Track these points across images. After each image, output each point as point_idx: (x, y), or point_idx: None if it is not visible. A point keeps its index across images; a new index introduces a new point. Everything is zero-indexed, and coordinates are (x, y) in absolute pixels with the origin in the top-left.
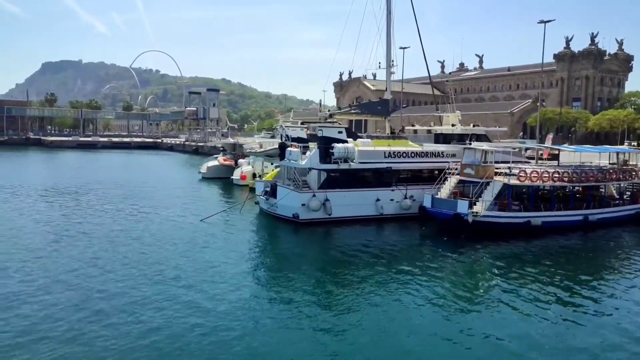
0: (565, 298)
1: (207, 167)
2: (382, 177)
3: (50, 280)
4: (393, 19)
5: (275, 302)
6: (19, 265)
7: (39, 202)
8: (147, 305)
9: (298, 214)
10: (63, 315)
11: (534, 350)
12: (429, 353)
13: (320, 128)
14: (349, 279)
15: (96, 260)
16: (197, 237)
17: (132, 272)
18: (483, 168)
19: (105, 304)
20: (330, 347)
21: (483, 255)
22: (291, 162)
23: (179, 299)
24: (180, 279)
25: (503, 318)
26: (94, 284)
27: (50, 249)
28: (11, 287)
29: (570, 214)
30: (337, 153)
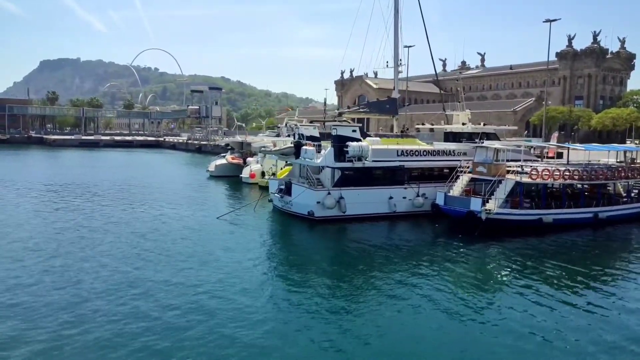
0: (580, 293)
1: (215, 166)
2: (394, 175)
3: (80, 273)
4: (401, 18)
5: (293, 295)
6: (55, 261)
7: (56, 202)
8: (171, 298)
9: (313, 211)
10: (89, 307)
11: (550, 344)
12: (444, 348)
13: (335, 127)
14: (367, 274)
15: (123, 254)
16: (215, 234)
17: (157, 266)
18: (495, 166)
19: (135, 297)
20: (343, 342)
21: (497, 252)
22: (306, 161)
23: (197, 294)
24: (200, 274)
25: (520, 313)
26: (124, 277)
27: (78, 245)
28: (46, 283)
29: (580, 212)
30: (351, 151)
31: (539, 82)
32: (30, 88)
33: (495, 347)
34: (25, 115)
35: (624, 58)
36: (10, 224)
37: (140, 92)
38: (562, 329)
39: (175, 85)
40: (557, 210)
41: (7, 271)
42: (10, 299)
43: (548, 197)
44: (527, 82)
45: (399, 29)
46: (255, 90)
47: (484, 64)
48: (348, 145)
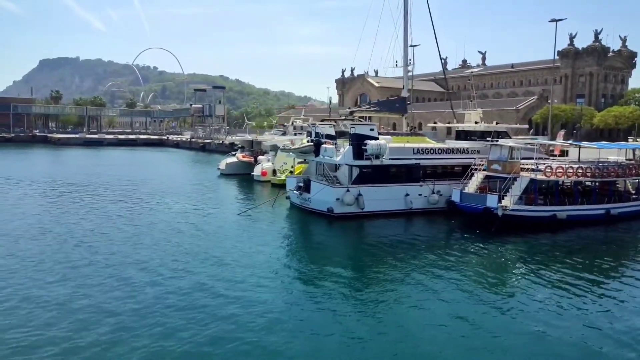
0: (597, 288)
1: (225, 164)
2: (410, 173)
3: (113, 268)
4: (410, 18)
5: (316, 289)
6: (79, 257)
7: (76, 200)
8: (196, 292)
9: (332, 208)
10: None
11: (567, 338)
12: (462, 343)
13: (353, 126)
14: (390, 269)
15: (155, 252)
16: (238, 230)
17: (186, 260)
18: (510, 164)
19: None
20: (360, 335)
21: (514, 247)
22: (325, 158)
23: (222, 288)
24: (225, 268)
25: (541, 308)
26: (155, 271)
27: (108, 243)
28: (73, 280)
29: (593, 208)
30: (370, 149)
31: (540, 80)
32: (29, 87)
33: (514, 341)
34: (30, 114)
35: (625, 56)
36: (59, 231)
37: (141, 90)
38: (579, 323)
39: (174, 84)
40: (571, 207)
41: (74, 269)
42: (75, 300)
43: (560, 194)
44: (528, 81)
45: (408, 29)
46: (254, 89)
47: (484, 62)
48: (367, 144)
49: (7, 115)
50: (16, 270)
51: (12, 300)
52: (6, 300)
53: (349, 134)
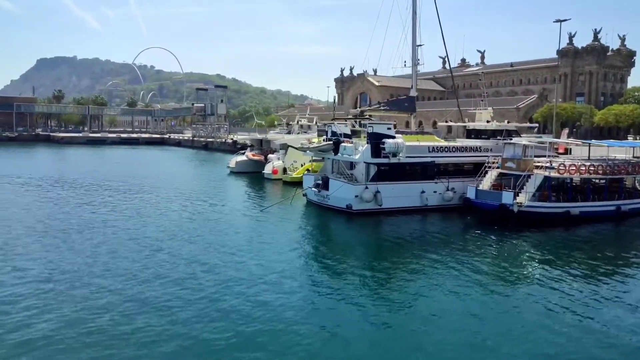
0: (612, 282)
1: (235, 162)
2: (426, 171)
3: (142, 264)
4: (419, 19)
5: (338, 283)
6: (109, 256)
7: (96, 198)
8: (222, 284)
9: (351, 204)
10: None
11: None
12: (480, 337)
13: (371, 125)
14: (410, 262)
15: (184, 246)
16: (262, 225)
17: (221, 253)
18: (524, 162)
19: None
20: (378, 328)
21: (530, 242)
22: (344, 156)
23: (257, 278)
24: (256, 260)
25: (560, 303)
26: (192, 264)
27: (136, 241)
28: (97, 277)
29: (604, 205)
30: (388, 148)
31: (539, 79)
32: (27, 86)
33: (533, 335)
34: (32, 114)
35: (624, 55)
36: (76, 226)
37: (138, 89)
38: (597, 318)
39: (171, 82)
40: (583, 203)
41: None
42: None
43: (572, 191)
44: (527, 79)
45: (417, 29)
46: (251, 88)
47: (483, 61)
48: (384, 142)
49: (10, 114)
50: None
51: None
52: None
53: (367, 133)
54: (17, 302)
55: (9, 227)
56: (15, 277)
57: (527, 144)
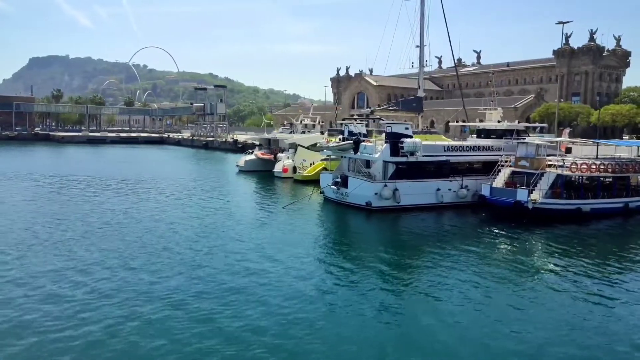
0: (625, 277)
1: (244, 161)
2: (441, 169)
3: (168, 261)
4: (428, 22)
5: (361, 275)
6: (129, 255)
7: (112, 198)
8: (245, 278)
9: (371, 201)
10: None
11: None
12: (498, 332)
13: (390, 125)
14: (430, 257)
15: (213, 243)
16: (285, 221)
17: (249, 248)
18: (537, 160)
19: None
20: (394, 323)
21: (546, 237)
22: (364, 155)
23: (281, 270)
24: (282, 253)
25: (579, 297)
26: (222, 259)
27: (162, 240)
28: (115, 280)
29: (613, 202)
30: (406, 147)
31: (535, 79)
32: (19, 85)
33: (553, 331)
34: (31, 113)
35: (619, 56)
36: (94, 224)
37: (131, 89)
38: (612, 314)
39: (164, 82)
40: (594, 200)
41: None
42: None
43: (582, 189)
44: (524, 79)
45: (425, 31)
46: (243, 87)
47: (479, 61)
48: (403, 142)
49: (9, 113)
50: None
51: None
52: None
53: (386, 133)
54: (70, 295)
55: (62, 225)
56: (62, 275)
57: (540, 143)
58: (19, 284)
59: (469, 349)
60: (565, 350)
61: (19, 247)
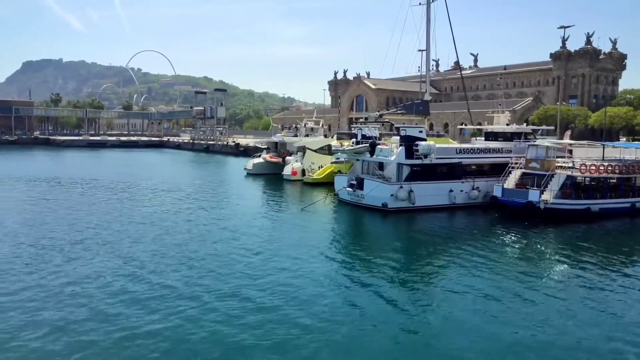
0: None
1: (253, 164)
2: (453, 171)
3: (190, 265)
4: (435, 28)
5: (382, 271)
6: (148, 257)
7: (131, 202)
8: (264, 277)
9: (387, 203)
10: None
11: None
12: (513, 330)
13: (404, 128)
14: (449, 255)
15: (240, 245)
16: (305, 221)
17: (276, 248)
18: (547, 162)
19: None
20: (410, 319)
21: (558, 236)
22: (379, 158)
23: (304, 267)
24: (305, 252)
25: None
26: (247, 260)
27: (184, 244)
28: (140, 283)
29: (620, 202)
30: (421, 150)
31: (533, 82)
32: (13, 89)
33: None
34: (31, 117)
35: (616, 58)
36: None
37: (127, 92)
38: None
39: (159, 85)
40: (602, 201)
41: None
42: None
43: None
44: (521, 82)
45: (430, 38)
46: (238, 90)
47: (476, 64)
48: (418, 144)
49: (9, 117)
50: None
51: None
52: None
53: (400, 136)
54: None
55: (112, 227)
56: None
57: (550, 145)
58: (81, 285)
59: (487, 349)
60: (582, 348)
61: (82, 252)
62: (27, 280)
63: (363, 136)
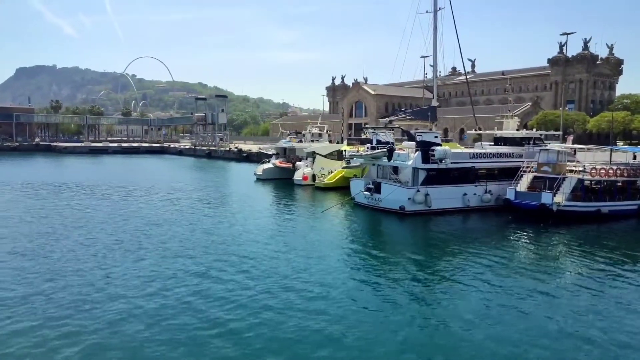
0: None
1: (262, 169)
2: (467, 175)
3: (212, 269)
4: (442, 36)
5: (401, 270)
6: (164, 258)
7: (154, 206)
8: (288, 277)
9: (404, 206)
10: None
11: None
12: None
13: (420, 134)
14: (468, 255)
15: (257, 246)
16: (327, 224)
17: (301, 249)
18: (559, 165)
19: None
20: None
21: (571, 236)
22: (397, 162)
23: (329, 265)
24: (329, 252)
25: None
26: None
27: (218, 250)
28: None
29: (628, 204)
30: (437, 154)
31: (531, 87)
32: (7, 95)
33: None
34: (31, 123)
35: (612, 64)
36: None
37: (121, 98)
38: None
39: (154, 91)
40: (610, 203)
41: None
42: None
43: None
44: (519, 87)
45: (437, 46)
46: (233, 96)
47: (474, 69)
48: (434, 149)
49: (10, 124)
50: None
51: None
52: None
53: (416, 141)
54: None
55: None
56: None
57: (561, 150)
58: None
59: (503, 349)
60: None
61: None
62: (108, 286)
63: (378, 141)
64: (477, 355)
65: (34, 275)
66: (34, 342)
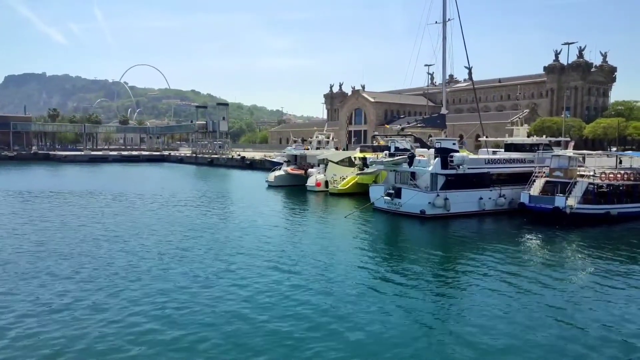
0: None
1: (274, 176)
2: (483, 180)
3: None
4: (452, 45)
5: (424, 269)
6: (173, 263)
7: (178, 214)
8: (315, 279)
9: (424, 210)
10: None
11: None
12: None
13: (439, 140)
14: (487, 257)
15: (293, 253)
16: (352, 228)
17: (329, 251)
18: (570, 170)
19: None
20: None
21: (585, 237)
22: (417, 168)
23: (352, 264)
24: (354, 254)
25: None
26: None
27: (238, 257)
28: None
29: (636, 206)
30: (456, 160)
31: (527, 94)
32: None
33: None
34: (28, 132)
35: (606, 71)
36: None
37: (114, 106)
38: None
39: (147, 99)
40: (620, 205)
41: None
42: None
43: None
44: (515, 95)
45: (446, 55)
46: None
47: (471, 77)
48: (453, 156)
49: (7, 133)
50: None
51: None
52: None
53: (435, 148)
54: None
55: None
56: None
57: (572, 155)
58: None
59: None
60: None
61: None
62: (127, 286)
63: (396, 148)
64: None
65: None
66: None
